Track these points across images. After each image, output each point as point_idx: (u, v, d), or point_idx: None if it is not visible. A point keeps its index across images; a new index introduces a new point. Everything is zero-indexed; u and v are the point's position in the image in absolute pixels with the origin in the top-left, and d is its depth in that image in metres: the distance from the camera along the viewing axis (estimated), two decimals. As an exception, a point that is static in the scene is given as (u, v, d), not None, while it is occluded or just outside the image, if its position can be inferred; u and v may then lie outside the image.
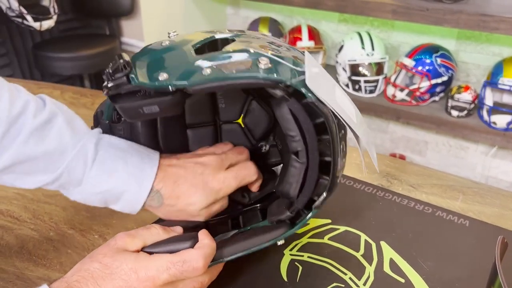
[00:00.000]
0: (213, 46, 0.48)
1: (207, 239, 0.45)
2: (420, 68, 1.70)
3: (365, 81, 1.81)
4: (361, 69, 1.83)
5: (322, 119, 0.44)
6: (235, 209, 0.56)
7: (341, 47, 1.86)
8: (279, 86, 0.42)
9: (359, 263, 0.55)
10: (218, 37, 0.48)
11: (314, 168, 0.46)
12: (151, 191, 0.48)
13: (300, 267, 0.54)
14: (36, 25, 2.05)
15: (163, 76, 0.41)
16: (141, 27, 2.30)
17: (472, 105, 1.65)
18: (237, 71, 0.41)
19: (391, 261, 0.55)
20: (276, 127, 0.58)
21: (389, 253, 0.56)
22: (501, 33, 1.41)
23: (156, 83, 0.41)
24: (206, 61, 0.42)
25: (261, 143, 0.60)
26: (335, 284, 0.51)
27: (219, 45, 0.48)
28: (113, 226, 0.62)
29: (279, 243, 0.50)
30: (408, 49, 1.79)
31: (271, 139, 0.60)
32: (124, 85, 0.43)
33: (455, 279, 0.52)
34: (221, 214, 0.54)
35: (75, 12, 2.55)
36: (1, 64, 2.33)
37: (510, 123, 1.56)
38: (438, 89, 1.73)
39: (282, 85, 0.42)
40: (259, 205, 0.57)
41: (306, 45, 1.92)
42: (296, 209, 0.49)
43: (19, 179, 0.47)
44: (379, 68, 1.82)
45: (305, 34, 1.95)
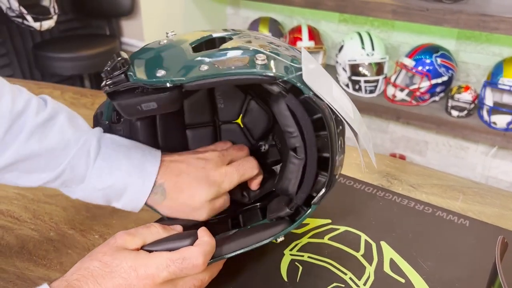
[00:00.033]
0: (211, 44, 0.48)
1: (207, 236, 0.45)
2: (420, 68, 1.70)
3: (365, 81, 1.81)
4: (361, 69, 1.83)
5: (319, 115, 0.44)
6: (235, 209, 0.56)
7: (341, 47, 1.87)
8: (276, 82, 0.42)
9: (359, 263, 0.55)
10: (215, 35, 0.49)
11: (312, 164, 0.46)
12: (154, 185, 0.48)
13: (300, 267, 0.54)
14: (36, 25, 2.05)
15: (161, 72, 0.42)
16: (141, 27, 2.30)
17: (472, 105, 1.65)
18: (234, 67, 0.41)
19: (391, 261, 0.55)
20: (275, 126, 0.58)
21: (389, 253, 0.56)
22: (501, 33, 1.41)
23: (153, 80, 0.42)
24: (203, 58, 0.43)
25: (260, 143, 0.60)
26: (335, 284, 0.51)
27: (216, 43, 0.49)
28: (113, 226, 0.62)
29: (279, 239, 0.50)
30: (408, 49, 1.79)
31: (270, 139, 0.60)
32: (122, 82, 0.43)
33: (455, 279, 0.52)
34: (221, 213, 0.54)
35: (75, 12, 2.55)
36: (1, 64, 2.33)
37: (510, 123, 1.56)
38: (438, 89, 1.73)
39: (279, 81, 0.42)
40: (259, 204, 0.57)
41: (306, 45, 1.92)
42: (295, 206, 0.49)
43: (22, 177, 0.47)
44: (379, 68, 1.82)
45: (305, 34, 1.95)
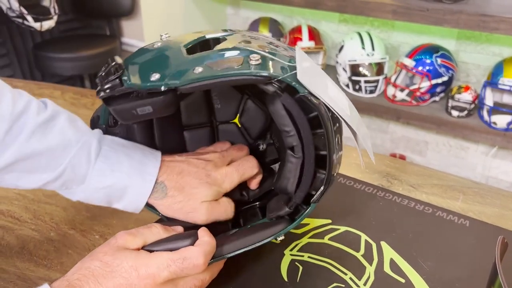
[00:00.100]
0: (205, 45, 0.48)
1: (207, 236, 0.46)
2: (420, 68, 1.70)
3: (366, 81, 1.81)
4: (361, 69, 1.83)
5: (316, 113, 0.44)
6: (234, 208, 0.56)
7: (341, 47, 1.87)
8: (271, 81, 0.42)
9: (360, 263, 0.55)
10: (209, 37, 0.49)
11: (310, 162, 0.46)
12: (155, 184, 0.48)
13: (300, 267, 0.54)
14: (36, 25, 2.05)
15: (155, 76, 0.42)
16: (141, 28, 2.30)
17: (472, 105, 1.65)
18: (229, 68, 0.41)
19: (392, 261, 0.55)
20: (272, 125, 0.58)
21: (389, 253, 0.56)
22: (501, 33, 1.41)
23: (148, 84, 0.42)
24: (197, 60, 0.43)
25: (258, 142, 0.60)
26: (335, 284, 0.51)
27: (211, 44, 0.49)
28: (113, 226, 0.62)
29: (279, 239, 0.50)
30: (408, 49, 1.79)
31: (268, 138, 0.60)
32: (117, 87, 0.43)
33: (455, 279, 0.52)
34: None
35: (76, 12, 2.56)
36: (1, 64, 2.33)
37: (510, 123, 1.56)
38: (438, 89, 1.73)
39: (274, 81, 0.42)
40: (258, 203, 0.57)
41: (306, 45, 1.92)
42: (294, 204, 0.49)
43: (22, 178, 0.47)
44: (379, 68, 1.82)
45: (305, 34, 1.95)
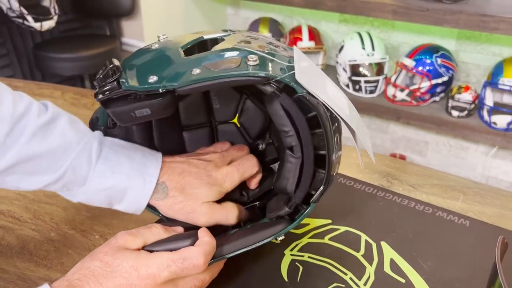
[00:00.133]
0: (203, 46, 0.48)
1: (207, 236, 0.46)
2: (420, 68, 1.70)
3: (366, 81, 1.81)
4: (361, 69, 1.83)
5: (314, 113, 0.44)
6: None
7: (342, 48, 1.87)
8: (270, 82, 0.42)
9: (360, 263, 0.55)
10: (206, 37, 0.48)
11: (309, 162, 0.46)
12: (156, 185, 0.48)
13: (300, 267, 0.54)
14: (36, 25, 2.05)
15: (153, 78, 0.42)
16: (142, 28, 2.30)
17: (472, 105, 1.65)
18: (226, 69, 0.41)
19: (392, 261, 0.55)
20: (271, 125, 0.58)
21: (389, 253, 0.56)
22: (501, 33, 1.41)
23: (146, 86, 0.42)
24: (195, 62, 0.42)
25: (258, 142, 0.60)
26: (335, 284, 0.51)
27: (208, 45, 0.48)
28: (113, 226, 0.62)
29: (279, 239, 0.50)
30: (408, 49, 1.79)
31: (267, 137, 0.60)
32: (115, 90, 0.43)
33: (455, 279, 0.52)
34: None
35: (76, 12, 2.56)
36: (1, 64, 2.33)
37: (510, 123, 1.56)
38: (438, 89, 1.73)
39: (272, 81, 0.42)
40: (258, 203, 0.57)
41: (306, 45, 1.92)
42: (294, 204, 0.49)
43: (23, 180, 0.47)
44: (379, 68, 1.82)
45: (305, 34, 1.95)
